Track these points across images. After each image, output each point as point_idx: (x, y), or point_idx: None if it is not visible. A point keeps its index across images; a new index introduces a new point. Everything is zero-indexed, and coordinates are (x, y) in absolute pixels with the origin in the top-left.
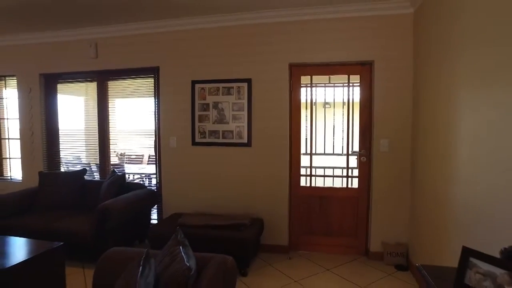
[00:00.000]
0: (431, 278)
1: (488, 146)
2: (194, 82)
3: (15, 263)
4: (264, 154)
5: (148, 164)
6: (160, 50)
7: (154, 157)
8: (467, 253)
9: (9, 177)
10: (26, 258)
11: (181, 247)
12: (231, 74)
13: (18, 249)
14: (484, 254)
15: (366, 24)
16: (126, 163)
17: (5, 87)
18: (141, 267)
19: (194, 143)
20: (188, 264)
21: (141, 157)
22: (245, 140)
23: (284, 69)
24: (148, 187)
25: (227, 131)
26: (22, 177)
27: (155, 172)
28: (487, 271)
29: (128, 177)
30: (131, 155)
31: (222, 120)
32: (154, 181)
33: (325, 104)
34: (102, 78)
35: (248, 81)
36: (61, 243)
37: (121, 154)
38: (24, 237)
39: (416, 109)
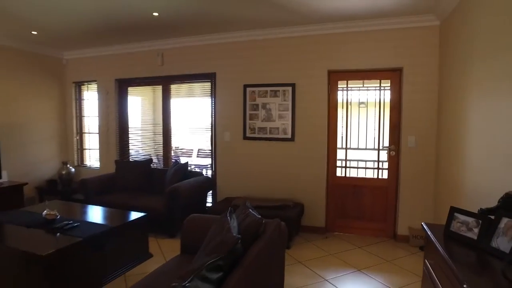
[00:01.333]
0: (430, 230)
1: (488, 141)
2: (245, 86)
3: (121, 223)
4: (306, 147)
5: (197, 157)
6: (216, 59)
7: (210, 149)
8: (453, 210)
9: (88, 165)
10: (126, 221)
11: (250, 210)
12: (277, 79)
13: (117, 216)
14: (463, 210)
15: (397, 35)
16: (179, 156)
17: (87, 90)
18: (229, 217)
19: (245, 137)
20: (260, 217)
21: (191, 151)
22: (289, 136)
23: (324, 75)
24: (205, 175)
25: (273, 127)
26: (99, 165)
27: (210, 162)
28: (464, 220)
29: None
30: (183, 149)
31: (270, 118)
32: (204, 172)
33: (361, 103)
34: (166, 82)
35: (292, 85)
36: (146, 214)
37: (175, 148)
38: None
39: (441, 110)
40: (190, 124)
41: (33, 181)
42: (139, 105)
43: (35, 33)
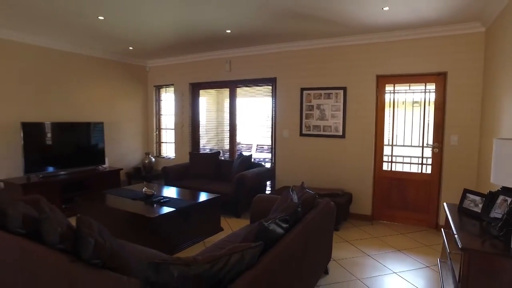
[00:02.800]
0: (448, 207)
1: None
2: (302, 89)
3: (201, 201)
4: (355, 144)
5: (256, 151)
6: (277, 65)
7: (268, 144)
8: (465, 191)
9: (165, 156)
10: (205, 200)
11: (306, 189)
12: (331, 83)
13: (196, 195)
14: (472, 191)
15: (442, 42)
16: (240, 150)
17: (165, 92)
18: (291, 192)
19: (301, 134)
20: (314, 193)
21: (250, 145)
22: (340, 133)
23: (372, 80)
24: (266, 166)
25: (326, 126)
26: (175, 156)
27: (270, 156)
28: (473, 199)
29: None
30: (243, 144)
31: (323, 117)
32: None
33: (414, 103)
34: (233, 86)
35: (344, 88)
36: (219, 195)
37: (237, 143)
38: None
39: (484, 111)
40: (251, 122)
41: (124, 167)
42: (204, 105)
43: (131, 48)
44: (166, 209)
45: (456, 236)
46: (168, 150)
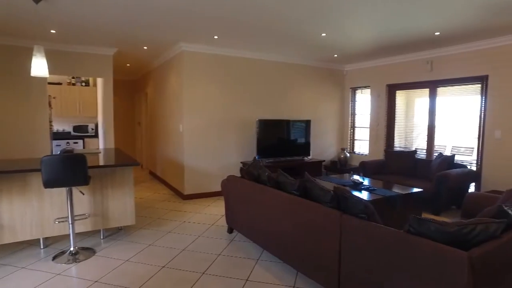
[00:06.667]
0: None
1: None
2: None
3: (405, 193)
4: None
5: (450, 153)
6: (488, 62)
7: (474, 146)
8: None
9: (358, 152)
10: (408, 192)
11: None
12: None
13: (399, 188)
14: None
15: None
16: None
17: (361, 93)
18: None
19: None
20: None
21: (443, 147)
22: None
23: None
24: (469, 168)
25: None
26: (368, 152)
27: (476, 157)
28: None
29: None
30: (436, 145)
31: None
32: None
33: None
34: (433, 86)
35: None
36: (421, 190)
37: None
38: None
39: None
40: (450, 122)
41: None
42: (404, 106)
43: (336, 55)
44: (375, 196)
45: None
46: (361, 147)
